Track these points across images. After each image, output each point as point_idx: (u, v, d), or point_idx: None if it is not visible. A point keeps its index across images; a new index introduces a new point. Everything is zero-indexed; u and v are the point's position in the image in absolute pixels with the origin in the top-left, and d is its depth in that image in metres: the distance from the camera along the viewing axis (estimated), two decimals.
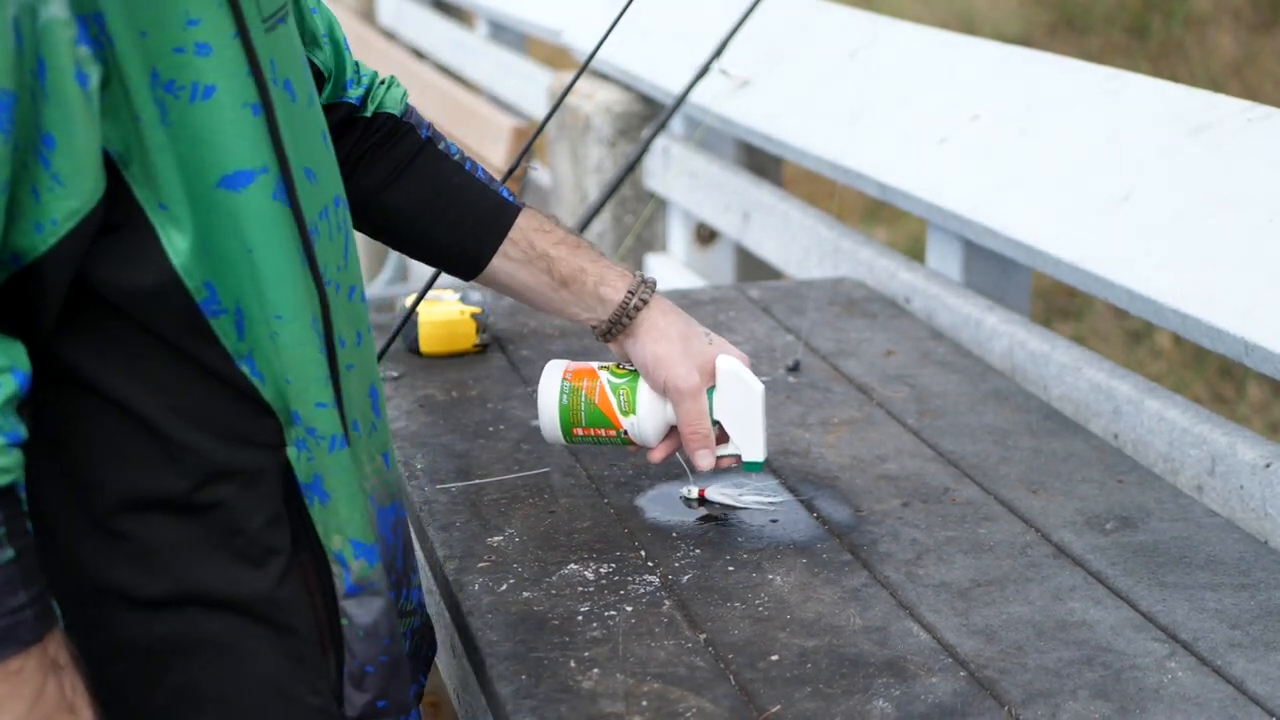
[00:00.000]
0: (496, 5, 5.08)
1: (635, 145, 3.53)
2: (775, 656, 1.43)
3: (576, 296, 1.62)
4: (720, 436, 1.66)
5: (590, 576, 1.58)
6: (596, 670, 1.41)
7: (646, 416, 1.63)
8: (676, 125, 3.52)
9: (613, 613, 1.51)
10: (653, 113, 3.70)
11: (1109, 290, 2.10)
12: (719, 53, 3.05)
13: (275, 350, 1.21)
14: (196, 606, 1.22)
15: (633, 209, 3.76)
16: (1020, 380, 2.19)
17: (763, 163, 3.45)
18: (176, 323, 1.18)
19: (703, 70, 3.03)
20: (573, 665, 1.42)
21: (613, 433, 1.65)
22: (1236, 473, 1.80)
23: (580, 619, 1.49)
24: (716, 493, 1.74)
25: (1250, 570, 1.61)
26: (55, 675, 1.09)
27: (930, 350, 2.25)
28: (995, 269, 2.51)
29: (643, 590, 1.55)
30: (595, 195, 3.63)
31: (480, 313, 2.21)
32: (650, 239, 3.84)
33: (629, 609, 1.52)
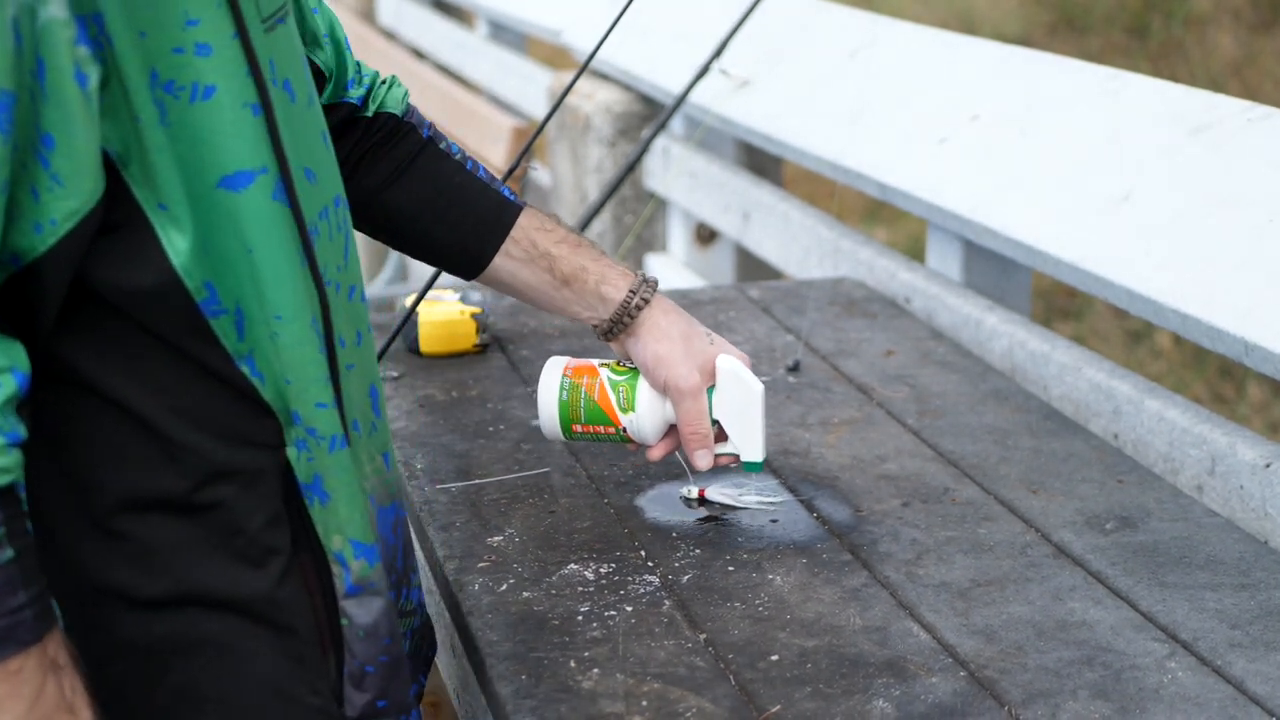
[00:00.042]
0: (496, 5, 5.08)
1: (635, 145, 3.53)
2: (775, 656, 1.43)
3: (578, 295, 1.62)
4: (719, 436, 1.66)
5: (590, 576, 1.58)
6: (596, 670, 1.41)
7: (646, 414, 1.63)
8: (676, 125, 3.52)
9: (613, 613, 1.51)
10: (653, 113, 3.70)
11: (1109, 290, 2.10)
12: (719, 53, 3.05)
13: (275, 350, 1.21)
14: (196, 607, 1.22)
15: (633, 209, 3.76)
16: (1020, 380, 2.19)
17: (763, 163, 3.45)
18: (176, 323, 1.18)
19: (703, 70, 3.03)
20: (573, 665, 1.42)
21: (611, 430, 1.65)
22: (1236, 473, 1.80)
23: (580, 619, 1.49)
24: (716, 493, 1.74)
25: (1250, 570, 1.61)
26: (55, 675, 1.09)
27: (930, 350, 2.25)
28: (995, 269, 2.51)
29: (643, 590, 1.55)
30: (595, 195, 3.63)
31: (480, 313, 2.21)
32: (650, 239, 3.83)
33: (629, 609, 1.52)
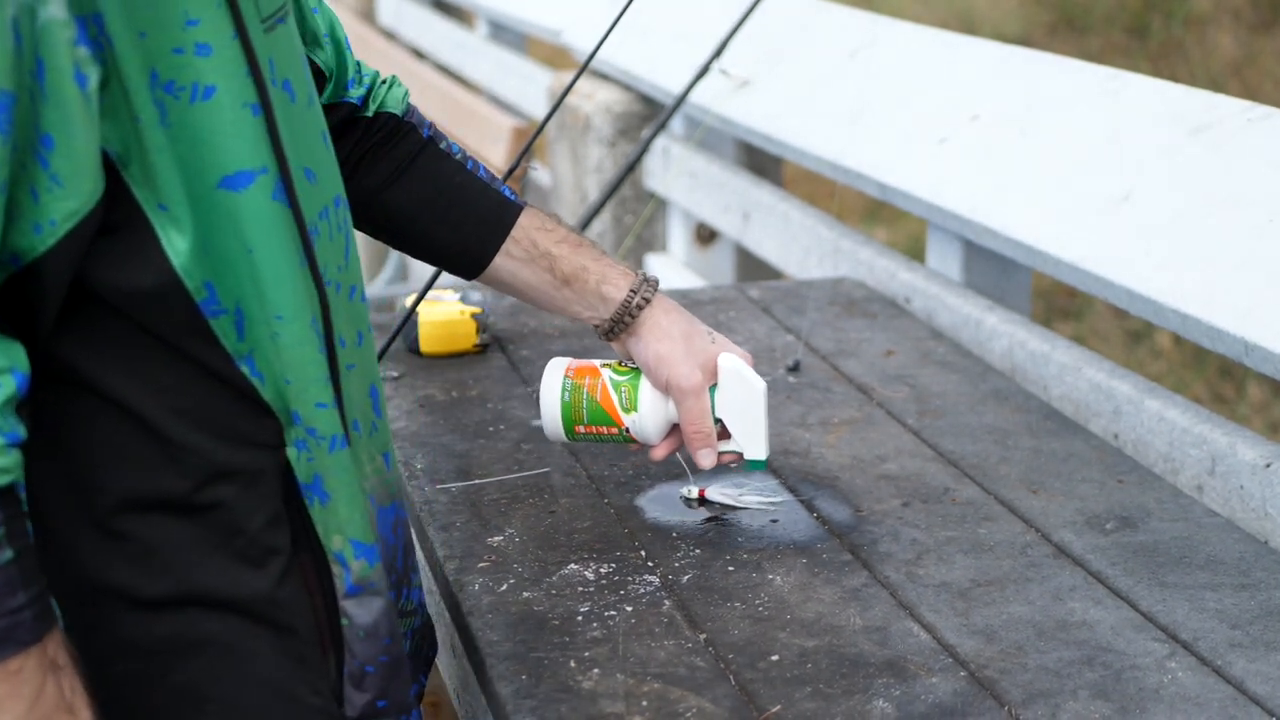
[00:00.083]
0: (496, 5, 5.08)
1: (635, 145, 3.53)
2: (775, 656, 1.43)
3: (579, 295, 1.62)
4: (722, 434, 1.65)
5: (590, 576, 1.58)
6: (597, 670, 1.41)
7: (648, 414, 1.63)
8: (676, 125, 3.52)
9: (613, 613, 1.51)
10: (653, 113, 3.70)
11: (1109, 290, 2.10)
12: (719, 53, 3.05)
13: (275, 350, 1.21)
14: (197, 607, 1.22)
15: (633, 209, 3.76)
16: (1020, 380, 2.19)
17: (763, 163, 3.45)
18: (176, 323, 1.18)
19: (703, 70, 3.03)
20: (573, 665, 1.42)
21: (614, 430, 1.65)
22: (1236, 473, 1.80)
23: (580, 619, 1.49)
24: (716, 493, 1.74)
25: (1250, 570, 1.61)
26: (54, 676, 1.09)
27: (930, 350, 2.25)
28: (995, 269, 2.51)
29: (643, 590, 1.55)
30: (595, 195, 3.63)
31: (480, 313, 2.21)
32: (650, 239, 3.83)
33: (629, 609, 1.51)
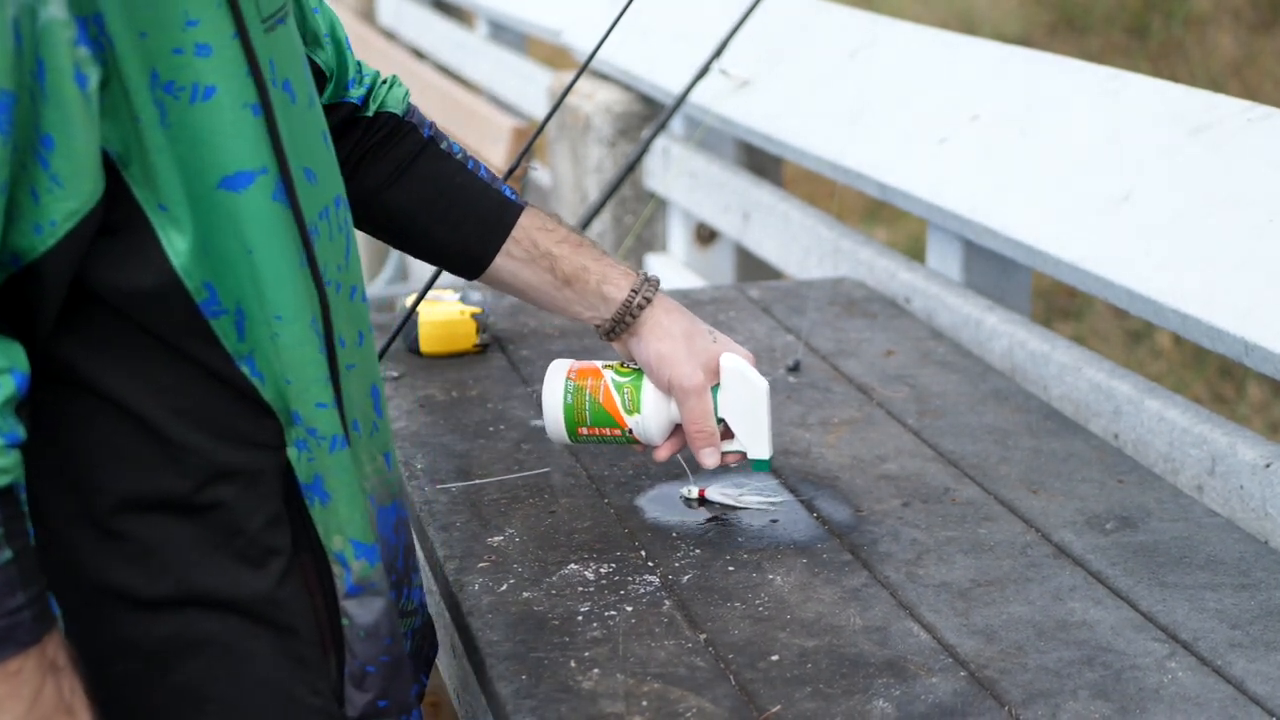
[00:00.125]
0: (496, 5, 5.08)
1: (635, 145, 3.53)
2: (775, 656, 1.43)
3: (579, 295, 1.62)
4: (725, 435, 1.65)
5: (590, 576, 1.58)
6: (597, 670, 1.41)
7: (651, 415, 1.63)
8: (676, 125, 3.52)
9: (613, 613, 1.51)
10: (653, 113, 3.70)
11: (1109, 290, 2.10)
12: (719, 53, 3.05)
13: (275, 351, 1.21)
14: (197, 607, 1.22)
15: (633, 209, 3.76)
16: (1020, 380, 2.19)
17: (763, 163, 3.45)
18: (176, 324, 1.18)
19: (703, 70, 3.03)
20: (573, 665, 1.42)
21: (618, 432, 1.65)
22: (1236, 473, 1.80)
23: (580, 619, 1.49)
24: (717, 493, 1.74)
25: (1250, 570, 1.61)
26: (53, 676, 1.09)
27: (930, 350, 2.25)
28: (995, 269, 2.51)
29: (643, 590, 1.55)
30: (595, 195, 3.63)
31: (480, 313, 2.21)
32: (650, 239, 3.83)
33: (629, 609, 1.51)
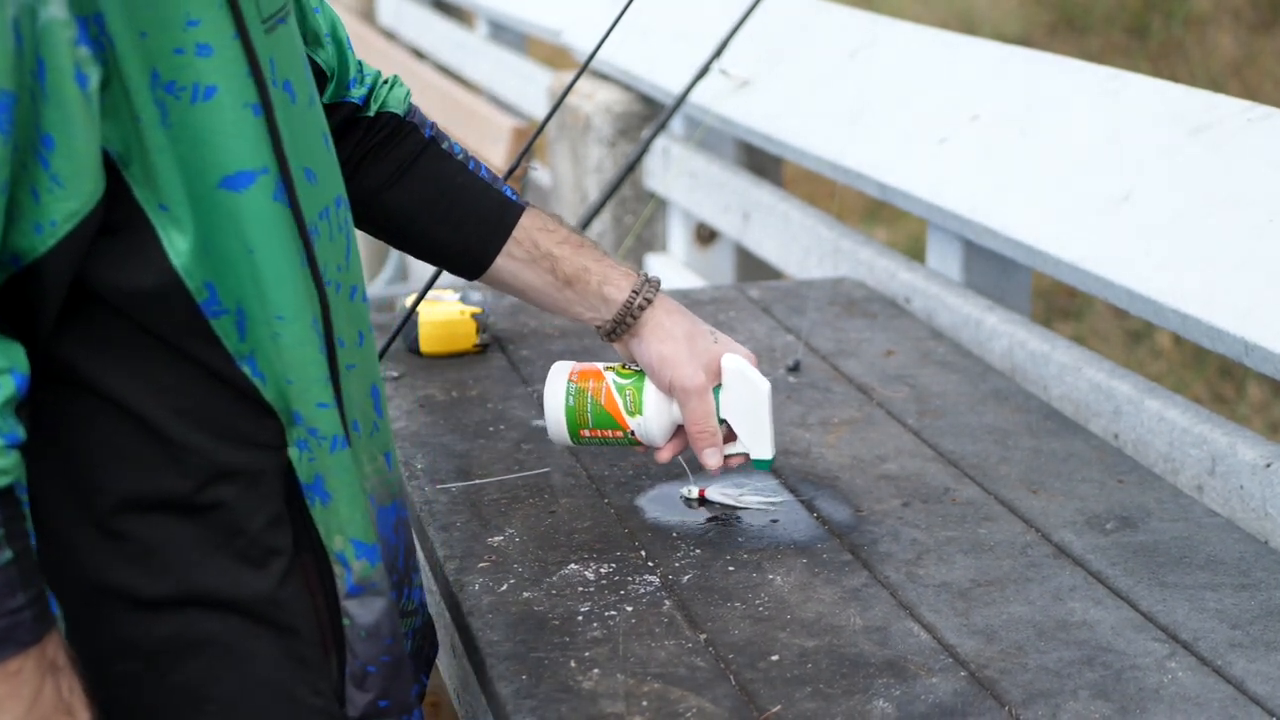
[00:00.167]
0: (496, 5, 5.08)
1: (635, 145, 3.53)
2: (775, 656, 1.43)
3: (580, 296, 1.62)
4: (727, 435, 1.65)
5: (590, 576, 1.58)
6: (597, 670, 1.41)
7: (653, 416, 1.63)
8: (676, 125, 3.52)
9: (613, 613, 1.51)
10: (653, 113, 3.70)
11: (1109, 290, 2.10)
12: (719, 53, 3.05)
13: (276, 351, 1.21)
14: (198, 607, 1.22)
15: (633, 209, 3.76)
16: (1020, 380, 2.19)
17: (763, 163, 3.45)
18: (177, 324, 1.18)
19: (703, 70, 3.03)
20: (573, 665, 1.42)
21: (620, 433, 1.65)
22: (1236, 473, 1.80)
23: (580, 619, 1.49)
24: (717, 493, 1.74)
25: (1250, 570, 1.61)
26: (53, 676, 1.09)
27: (930, 350, 2.25)
28: (995, 269, 2.51)
29: (643, 590, 1.55)
30: (595, 195, 3.63)
31: (480, 313, 2.21)
32: (650, 239, 3.83)
33: (629, 609, 1.52)
